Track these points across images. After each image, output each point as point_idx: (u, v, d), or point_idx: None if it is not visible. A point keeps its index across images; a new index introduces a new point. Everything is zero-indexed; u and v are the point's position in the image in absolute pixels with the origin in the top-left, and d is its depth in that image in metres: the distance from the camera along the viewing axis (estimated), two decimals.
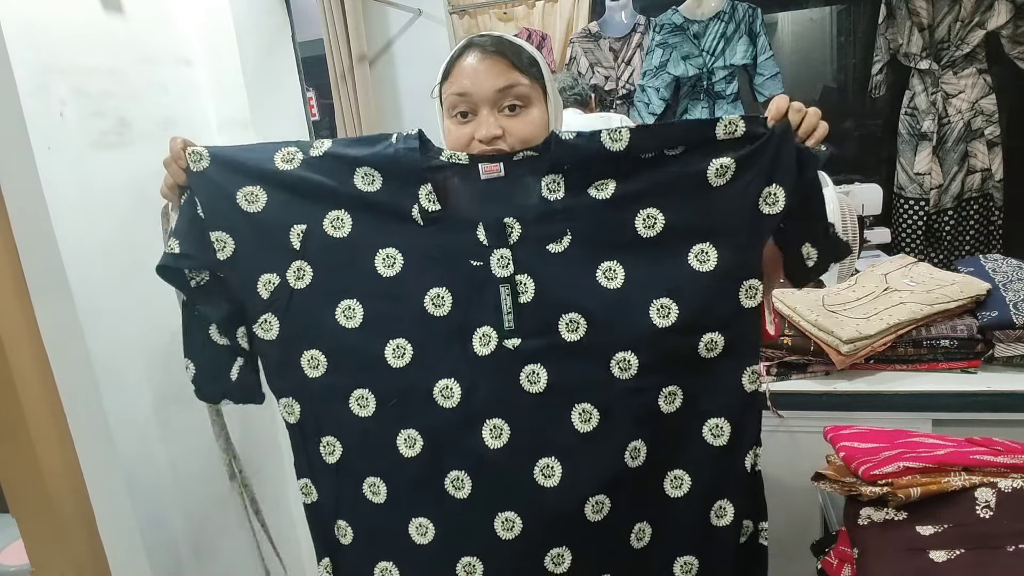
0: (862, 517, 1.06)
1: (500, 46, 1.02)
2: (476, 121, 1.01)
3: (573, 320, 0.99)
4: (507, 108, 1.01)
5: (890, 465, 1.05)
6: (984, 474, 1.04)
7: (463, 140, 1.02)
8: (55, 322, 1.58)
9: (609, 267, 0.99)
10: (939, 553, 1.01)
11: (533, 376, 0.99)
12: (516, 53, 1.02)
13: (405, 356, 1.01)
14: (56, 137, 1.54)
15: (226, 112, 2.08)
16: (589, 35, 3.03)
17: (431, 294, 1.00)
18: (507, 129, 1.00)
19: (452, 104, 1.02)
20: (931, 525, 1.02)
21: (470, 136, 1.01)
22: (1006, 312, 1.51)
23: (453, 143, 1.03)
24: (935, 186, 2.63)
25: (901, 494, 1.02)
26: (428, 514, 1.05)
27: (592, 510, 1.01)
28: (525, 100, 1.02)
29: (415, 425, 1.03)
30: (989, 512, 1.01)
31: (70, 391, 1.62)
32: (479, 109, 1.01)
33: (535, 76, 1.03)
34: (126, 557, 1.71)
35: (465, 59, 1.02)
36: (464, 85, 1.00)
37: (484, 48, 1.02)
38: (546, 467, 0.99)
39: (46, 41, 1.54)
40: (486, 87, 1.00)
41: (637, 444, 1.01)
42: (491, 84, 1.00)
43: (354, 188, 1.01)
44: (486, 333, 0.99)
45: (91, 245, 1.61)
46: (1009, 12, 2.47)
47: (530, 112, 1.02)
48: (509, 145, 1.00)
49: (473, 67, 1.01)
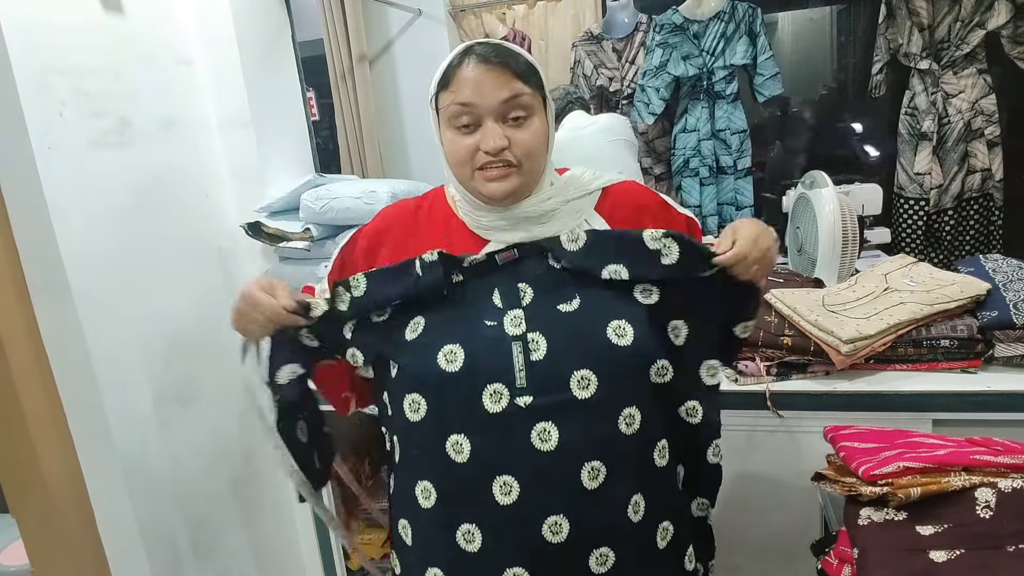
0: (862, 517, 1.06)
1: (503, 55, 1.02)
2: (481, 132, 1.01)
3: (584, 377, 0.99)
4: (511, 119, 1.02)
5: (890, 465, 1.05)
6: (984, 474, 1.04)
7: (467, 152, 1.02)
8: (55, 322, 1.58)
9: (619, 325, 1.01)
10: (939, 553, 1.01)
11: (544, 434, 0.98)
12: (518, 62, 1.02)
13: (420, 411, 1.03)
14: (56, 137, 1.54)
15: (226, 112, 2.08)
16: (591, 37, 3.02)
17: (444, 350, 1.01)
18: (512, 140, 1.02)
19: (454, 114, 1.02)
20: (931, 525, 1.02)
21: (474, 147, 1.02)
22: (1006, 312, 1.51)
23: (455, 154, 1.04)
24: (935, 186, 2.63)
25: (901, 494, 1.02)
26: (440, 564, 1.06)
27: (596, 563, 1.01)
28: (528, 110, 1.03)
29: (429, 478, 1.04)
30: (989, 512, 1.01)
31: (70, 391, 1.62)
32: (483, 120, 1.01)
33: (536, 85, 1.04)
34: (126, 557, 1.72)
35: (467, 68, 1.01)
36: (467, 95, 1.01)
37: (487, 58, 1.01)
38: (554, 524, 0.99)
39: (46, 41, 1.54)
40: (491, 98, 1.00)
41: (637, 498, 1.03)
42: (496, 95, 1.00)
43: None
44: (497, 390, 0.99)
45: (91, 245, 1.61)
46: (1009, 12, 2.47)
47: (533, 122, 1.03)
48: (514, 156, 1.02)
49: (477, 77, 1.00)
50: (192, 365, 1.90)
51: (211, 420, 1.94)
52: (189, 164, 1.97)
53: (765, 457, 1.65)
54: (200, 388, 1.91)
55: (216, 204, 2.06)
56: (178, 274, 1.89)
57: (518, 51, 1.05)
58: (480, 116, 1.01)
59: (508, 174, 1.03)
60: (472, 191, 1.07)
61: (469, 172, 1.05)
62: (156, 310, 1.81)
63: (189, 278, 1.93)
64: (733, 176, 2.85)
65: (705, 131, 2.84)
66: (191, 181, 1.98)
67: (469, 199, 1.10)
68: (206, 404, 1.92)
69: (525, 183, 1.05)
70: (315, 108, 3.09)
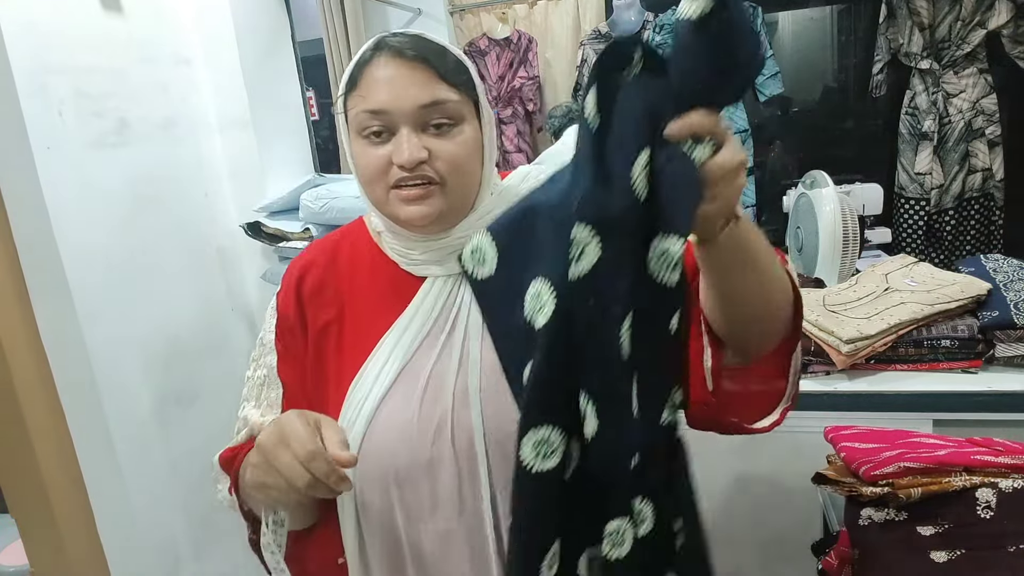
0: (863, 517, 1.06)
1: (421, 50, 0.82)
2: (395, 142, 0.81)
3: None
4: (432, 127, 0.82)
5: (891, 465, 1.05)
6: (985, 474, 1.04)
7: (378, 165, 0.82)
8: (54, 322, 1.58)
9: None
10: (939, 553, 1.00)
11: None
12: (441, 59, 0.83)
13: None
14: (56, 137, 1.54)
15: (226, 112, 2.08)
16: (599, 36, 3.02)
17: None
18: (433, 151, 0.81)
19: (362, 124, 0.82)
20: (931, 525, 1.02)
21: (387, 160, 0.81)
22: (1007, 312, 1.51)
23: (365, 169, 0.84)
24: (936, 186, 2.62)
25: (902, 494, 1.02)
26: None
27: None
28: (455, 117, 0.83)
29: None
30: (990, 512, 1.00)
31: (69, 392, 1.62)
32: (398, 128, 0.81)
33: (465, 86, 0.84)
34: (126, 557, 1.71)
35: (378, 66, 0.82)
36: (379, 100, 0.81)
37: (401, 53, 0.81)
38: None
39: (46, 41, 1.54)
40: (406, 102, 0.80)
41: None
42: (412, 99, 0.80)
43: None
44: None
45: (90, 245, 1.61)
46: (1010, 12, 2.47)
47: (461, 130, 0.83)
48: (435, 171, 0.82)
49: (389, 78, 0.81)
50: (191, 366, 1.89)
51: (210, 421, 1.94)
52: (189, 164, 1.97)
53: (765, 457, 1.65)
54: (199, 388, 1.91)
55: (215, 204, 2.06)
56: (177, 274, 1.89)
57: (442, 44, 0.85)
58: (394, 124, 0.81)
59: (428, 194, 0.82)
60: (390, 216, 0.86)
61: (383, 192, 0.84)
62: (155, 310, 1.81)
63: (188, 278, 1.93)
64: None
65: None
66: (190, 181, 1.98)
67: (393, 228, 0.89)
68: (205, 404, 1.92)
69: (452, 206, 0.84)
70: (315, 108, 3.09)
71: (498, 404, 0.81)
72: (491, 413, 0.81)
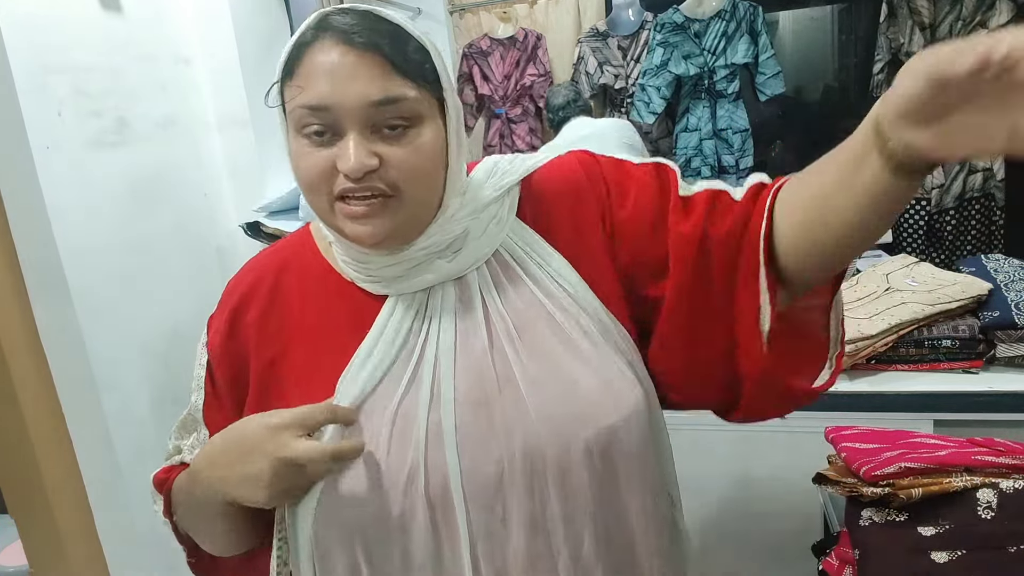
0: (863, 518, 1.06)
1: (372, 35, 0.66)
2: (340, 145, 0.67)
3: None
4: (385, 128, 0.67)
5: (891, 466, 1.05)
6: (986, 475, 1.03)
7: (321, 171, 0.67)
8: (54, 322, 1.58)
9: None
10: (940, 554, 1.00)
11: None
12: (397, 46, 0.67)
13: None
14: (55, 137, 1.54)
15: (225, 111, 2.08)
16: (597, 34, 3.02)
17: None
18: (385, 158, 0.67)
19: (300, 120, 0.67)
20: (932, 526, 1.02)
21: (331, 165, 0.67)
22: (1008, 312, 1.51)
23: (307, 174, 0.68)
24: (936, 186, 2.62)
25: (902, 495, 1.02)
26: None
27: None
28: (412, 117, 0.68)
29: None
30: (991, 513, 1.00)
31: (69, 392, 1.62)
32: (344, 129, 0.66)
33: (426, 80, 0.69)
34: (125, 558, 1.71)
35: (319, 50, 0.66)
36: (320, 94, 0.66)
37: (348, 37, 0.66)
38: None
39: (45, 41, 1.53)
40: (353, 99, 0.65)
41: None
42: (360, 95, 0.65)
43: None
44: None
45: (90, 245, 1.61)
46: (1010, 11, 2.47)
47: (420, 133, 0.68)
48: (389, 181, 0.67)
49: (332, 66, 0.65)
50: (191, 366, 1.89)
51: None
52: (188, 163, 1.97)
53: (766, 458, 1.64)
54: None
55: (215, 204, 2.06)
56: (177, 274, 1.89)
57: (399, 26, 0.69)
58: (339, 123, 0.66)
59: (378, 210, 0.68)
60: (335, 229, 0.72)
61: (326, 203, 0.69)
62: (154, 310, 1.81)
63: (188, 278, 1.92)
64: (735, 175, 2.85)
65: (707, 130, 2.84)
66: (190, 180, 1.98)
67: (343, 241, 0.74)
68: None
69: (409, 218, 0.70)
70: None
71: (476, 444, 0.69)
72: (469, 455, 0.69)
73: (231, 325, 0.79)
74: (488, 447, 0.69)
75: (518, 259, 0.76)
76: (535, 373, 0.71)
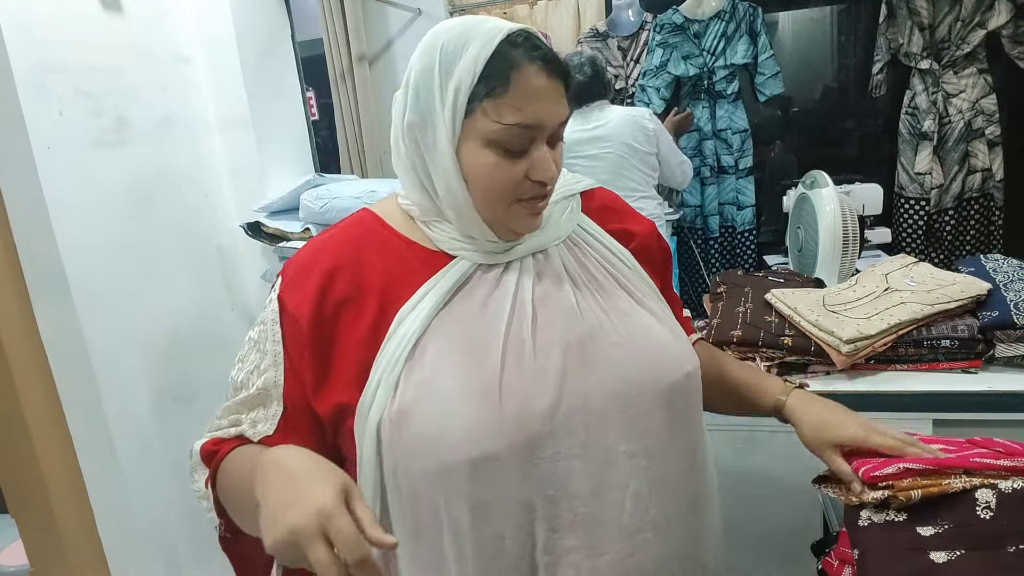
0: (863, 518, 1.06)
1: (562, 67, 0.78)
2: (529, 159, 0.76)
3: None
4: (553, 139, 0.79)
5: (891, 467, 1.05)
6: (984, 476, 1.04)
7: (514, 182, 0.77)
8: (54, 321, 1.58)
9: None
10: (939, 554, 1.00)
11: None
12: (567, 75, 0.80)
13: None
14: (55, 136, 1.54)
15: (225, 111, 2.08)
16: (597, 35, 3.02)
17: None
18: (557, 166, 0.80)
19: (507, 137, 0.75)
20: (931, 526, 1.02)
21: (523, 175, 0.77)
22: (1007, 312, 1.51)
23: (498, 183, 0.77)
24: (936, 186, 2.62)
25: (902, 496, 1.02)
26: None
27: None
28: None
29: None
30: (990, 513, 1.00)
31: (69, 391, 1.62)
32: (536, 143, 0.77)
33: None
34: (126, 557, 1.71)
35: (533, 74, 0.74)
36: (538, 116, 0.75)
37: (548, 63, 0.76)
38: None
39: (45, 40, 1.54)
40: (555, 119, 0.77)
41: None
42: (559, 116, 0.77)
43: None
44: None
45: (91, 244, 1.61)
46: (1010, 12, 2.47)
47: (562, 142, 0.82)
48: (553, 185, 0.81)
49: (543, 91, 0.75)
50: (191, 364, 1.89)
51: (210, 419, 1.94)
52: (188, 163, 1.97)
53: (766, 457, 1.65)
54: (199, 388, 1.91)
55: (215, 203, 2.06)
56: (177, 274, 1.89)
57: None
58: (536, 138, 0.76)
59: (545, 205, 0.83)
60: (495, 224, 0.81)
61: (505, 204, 0.79)
62: (155, 309, 1.81)
63: (188, 278, 1.93)
64: (735, 176, 2.85)
65: (706, 131, 2.84)
66: (190, 180, 1.98)
67: (474, 228, 0.81)
68: (204, 403, 1.92)
69: None
70: (315, 108, 3.09)
71: (572, 381, 0.77)
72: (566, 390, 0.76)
73: (317, 305, 0.79)
74: (584, 384, 0.77)
75: (585, 240, 0.90)
76: (619, 323, 0.82)
